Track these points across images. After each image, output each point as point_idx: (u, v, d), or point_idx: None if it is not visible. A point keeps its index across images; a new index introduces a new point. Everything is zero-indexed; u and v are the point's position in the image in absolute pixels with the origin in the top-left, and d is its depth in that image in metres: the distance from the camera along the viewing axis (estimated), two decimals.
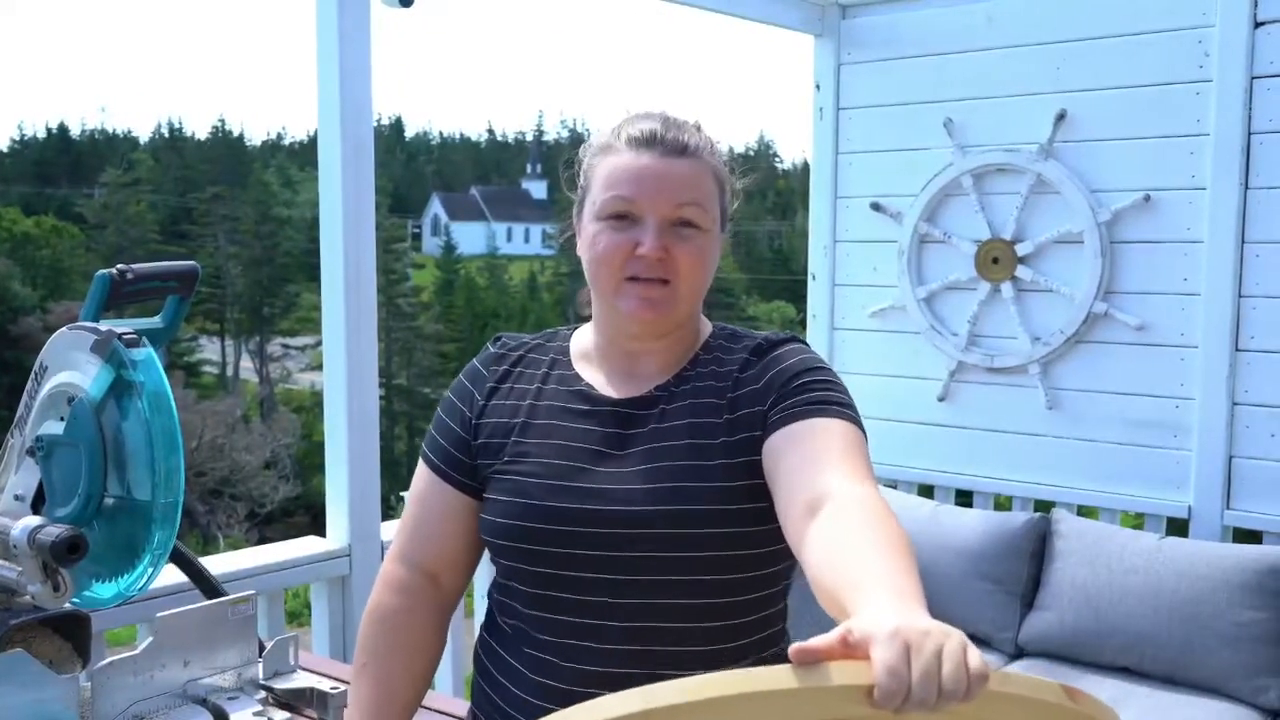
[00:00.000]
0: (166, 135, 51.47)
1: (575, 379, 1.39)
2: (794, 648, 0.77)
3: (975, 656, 0.77)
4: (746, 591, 1.27)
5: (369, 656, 1.39)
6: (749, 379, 1.32)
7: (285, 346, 35.91)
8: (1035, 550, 3.17)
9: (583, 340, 1.43)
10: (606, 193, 1.31)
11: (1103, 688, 2.83)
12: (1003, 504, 3.64)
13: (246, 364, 35.96)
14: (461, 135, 76.90)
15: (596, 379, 1.38)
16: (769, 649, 1.31)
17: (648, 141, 1.32)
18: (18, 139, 53.99)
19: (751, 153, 54.67)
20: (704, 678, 0.77)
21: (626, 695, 0.77)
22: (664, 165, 1.30)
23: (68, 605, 1.22)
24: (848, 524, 1.04)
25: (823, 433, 1.21)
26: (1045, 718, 0.80)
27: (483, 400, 1.40)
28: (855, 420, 1.25)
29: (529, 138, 67.69)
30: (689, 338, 1.39)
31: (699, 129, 1.36)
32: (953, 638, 0.78)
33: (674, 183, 1.30)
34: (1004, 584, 3.16)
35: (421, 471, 1.43)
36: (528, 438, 1.35)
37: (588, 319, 1.44)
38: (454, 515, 1.40)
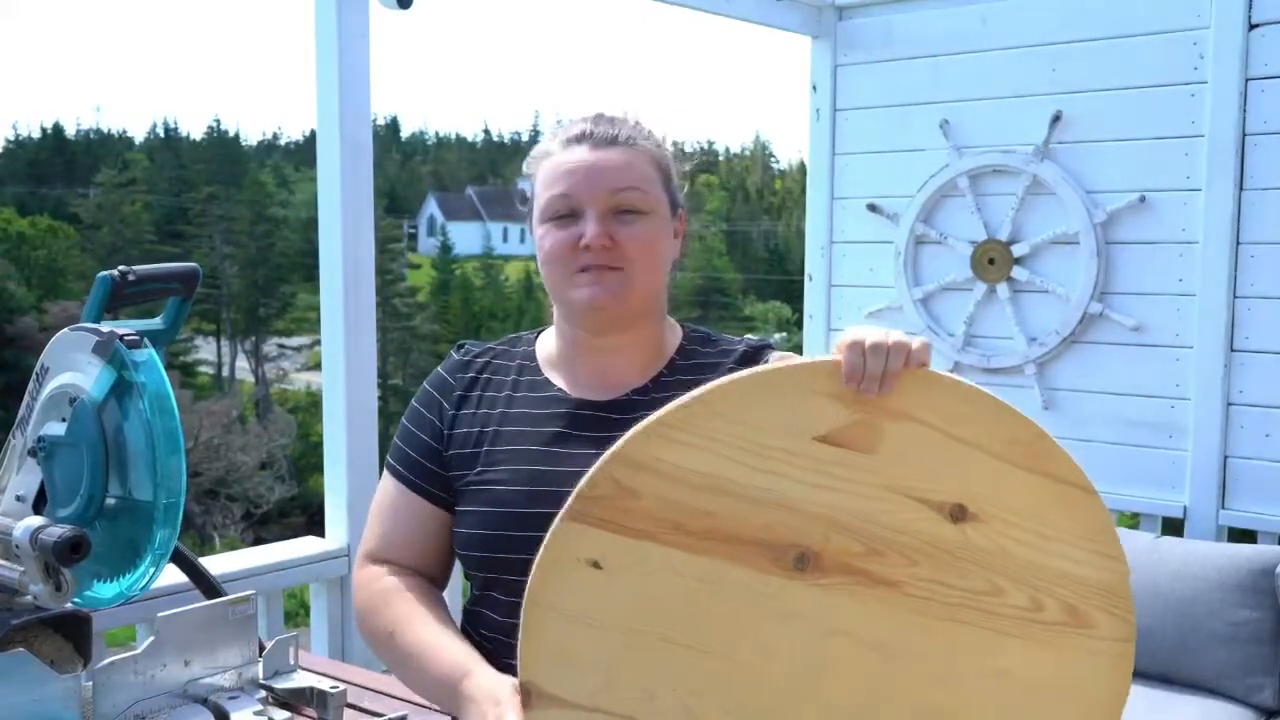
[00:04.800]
0: (162, 135, 51.38)
1: (546, 384, 1.38)
2: (776, 357, 1.04)
3: (919, 339, 1.02)
4: None
5: (392, 621, 1.33)
6: None
7: (281, 347, 35.86)
8: None
9: (548, 346, 1.42)
10: (546, 193, 1.33)
11: None
12: None
13: (242, 364, 35.91)
14: (458, 135, 76.89)
15: (568, 383, 1.38)
16: None
17: (580, 138, 1.34)
18: (13, 139, 54.05)
19: (748, 153, 54.62)
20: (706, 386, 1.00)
21: (655, 414, 0.99)
22: (596, 156, 1.32)
23: (69, 605, 1.22)
24: None
25: None
26: (979, 409, 0.99)
27: (452, 410, 1.39)
28: None
29: (525, 138, 67.65)
30: (656, 337, 1.39)
31: (634, 122, 1.38)
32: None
33: (608, 171, 1.32)
34: None
35: (389, 485, 1.41)
36: (500, 446, 1.34)
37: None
38: (426, 527, 1.38)
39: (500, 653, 1.30)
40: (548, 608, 0.95)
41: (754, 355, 1.37)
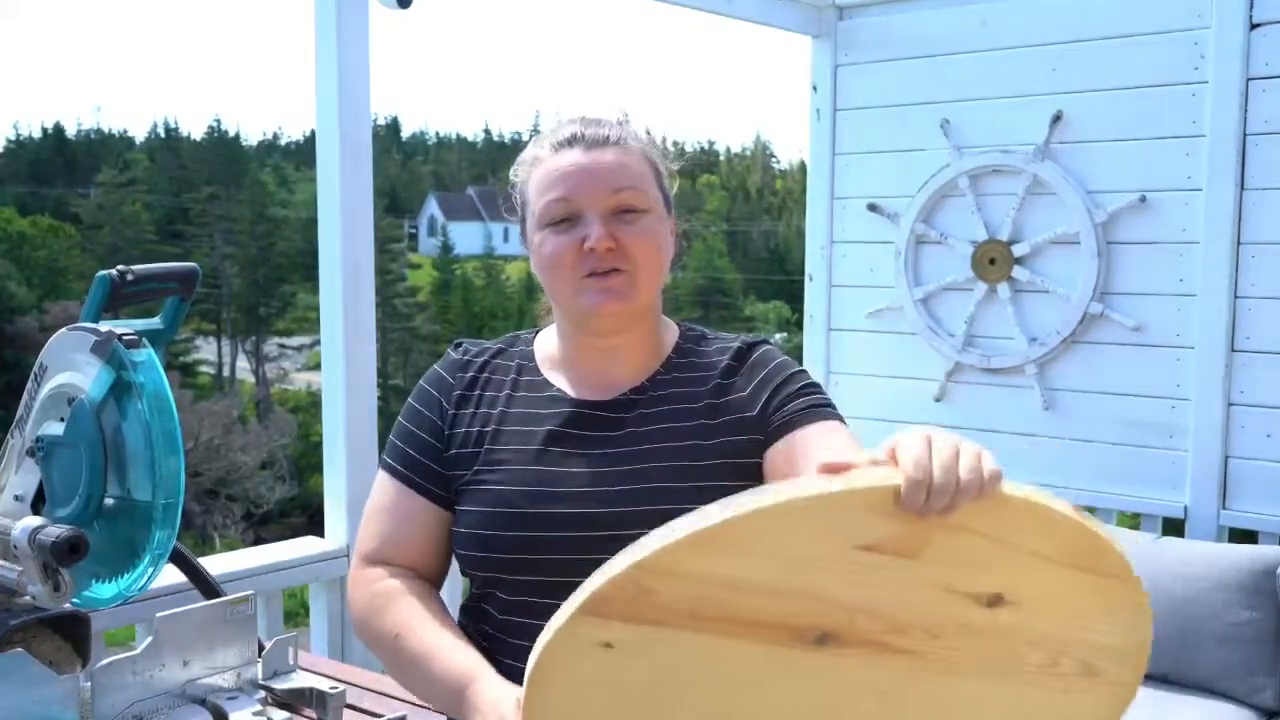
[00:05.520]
0: (162, 135, 51.35)
1: (545, 384, 1.38)
2: (822, 463, 0.85)
3: (991, 459, 0.86)
4: None
5: (397, 624, 1.30)
6: (736, 385, 1.34)
7: (281, 347, 35.88)
8: None
9: (546, 346, 1.42)
10: (543, 199, 1.33)
11: None
12: None
13: (243, 364, 35.92)
14: (458, 135, 76.95)
15: (567, 384, 1.38)
16: None
17: (571, 141, 1.34)
18: (13, 139, 53.98)
19: (748, 153, 54.64)
20: (747, 494, 0.86)
21: (687, 519, 0.87)
22: (591, 158, 1.32)
23: (68, 605, 1.22)
24: None
25: (831, 436, 1.27)
26: (1053, 529, 0.90)
27: (452, 409, 1.38)
28: (844, 420, 1.33)
29: (526, 137, 67.29)
30: (654, 337, 1.39)
31: (623, 122, 1.37)
32: (971, 444, 0.87)
33: (605, 173, 1.31)
34: None
35: (386, 483, 1.40)
36: (500, 445, 1.34)
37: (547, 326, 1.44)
38: (427, 527, 1.37)
39: (501, 650, 1.30)
40: (552, 679, 0.93)
41: (748, 351, 1.38)
